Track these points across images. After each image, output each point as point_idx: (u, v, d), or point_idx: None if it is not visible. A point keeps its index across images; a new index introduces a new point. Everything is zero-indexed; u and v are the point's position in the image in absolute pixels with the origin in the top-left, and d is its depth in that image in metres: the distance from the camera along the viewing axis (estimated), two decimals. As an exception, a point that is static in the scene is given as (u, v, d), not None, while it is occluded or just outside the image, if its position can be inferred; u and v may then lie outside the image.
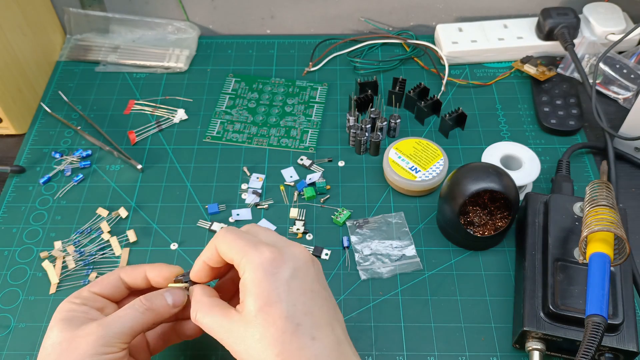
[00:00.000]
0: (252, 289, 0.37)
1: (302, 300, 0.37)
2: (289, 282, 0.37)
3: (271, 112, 0.68)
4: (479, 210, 0.55)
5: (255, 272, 0.37)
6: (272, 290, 0.37)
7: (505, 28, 0.73)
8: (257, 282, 0.37)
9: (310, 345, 0.36)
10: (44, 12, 0.72)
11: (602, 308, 0.42)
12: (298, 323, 0.36)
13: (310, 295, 0.37)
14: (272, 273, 0.37)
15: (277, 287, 0.37)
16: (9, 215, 0.59)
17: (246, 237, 0.39)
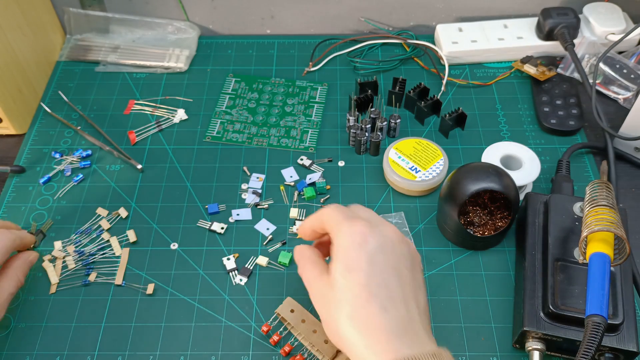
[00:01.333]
0: (339, 255, 0.40)
1: (381, 274, 0.39)
2: (373, 255, 0.40)
3: (271, 112, 0.68)
4: (479, 210, 0.55)
5: (345, 240, 0.41)
6: (355, 259, 0.40)
7: (505, 28, 0.73)
8: (344, 249, 0.40)
9: (379, 315, 0.38)
10: (44, 12, 0.72)
11: (602, 308, 0.42)
12: (373, 293, 0.38)
13: (391, 271, 0.40)
14: (359, 243, 0.40)
15: (360, 257, 0.40)
16: (9, 215, 0.59)
17: (345, 212, 0.43)
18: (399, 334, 0.37)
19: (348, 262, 0.40)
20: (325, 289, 0.41)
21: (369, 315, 0.38)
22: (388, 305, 0.38)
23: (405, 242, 0.43)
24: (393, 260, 0.41)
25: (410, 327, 0.38)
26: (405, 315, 0.39)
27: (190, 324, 0.52)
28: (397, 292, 0.39)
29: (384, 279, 0.39)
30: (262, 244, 0.57)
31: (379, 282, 0.39)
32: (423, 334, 0.39)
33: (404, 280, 0.40)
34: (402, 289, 0.40)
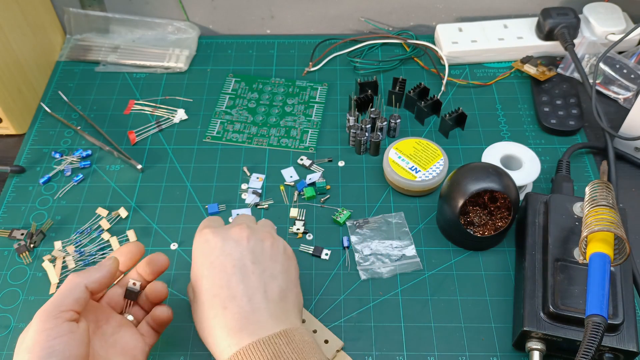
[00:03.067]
0: (192, 266, 0.44)
1: (221, 275, 0.42)
2: (212, 260, 0.43)
3: (271, 112, 0.68)
4: (479, 210, 0.55)
5: (195, 251, 0.44)
6: (198, 268, 0.43)
7: (505, 28, 0.73)
8: (194, 260, 0.44)
9: (221, 315, 0.40)
10: (44, 12, 0.72)
11: (602, 308, 0.42)
12: (214, 294, 0.41)
13: (231, 269, 0.42)
14: (202, 253, 0.43)
15: (202, 265, 0.43)
16: (9, 215, 0.59)
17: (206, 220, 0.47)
18: (240, 328, 0.40)
19: (194, 271, 0.43)
20: (191, 301, 0.44)
21: (212, 317, 0.41)
22: (228, 304, 0.41)
23: (257, 238, 0.44)
24: (234, 257, 0.42)
25: (253, 318, 0.40)
26: (248, 308, 0.40)
27: (190, 324, 0.52)
28: (238, 289, 0.41)
29: (225, 279, 0.42)
30: (262, 244, 0.57)
31: (220, 284, 0.41)
32: (268, 321, 0.40)
33: (249, 275, 0.42)
34: (245, 284, 0.41)
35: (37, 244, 0.57)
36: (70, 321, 0.39)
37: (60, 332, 0.38)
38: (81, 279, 0.41)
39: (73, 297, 0.40)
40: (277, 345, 0.39)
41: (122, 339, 0.43)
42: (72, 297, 0.40)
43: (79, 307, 0.40)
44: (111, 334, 0.43)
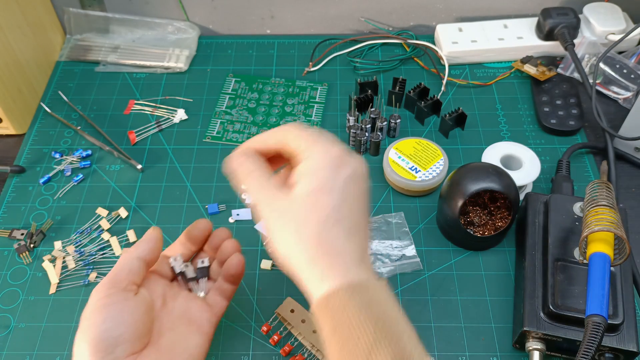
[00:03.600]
0: (312, 174, 0.38)
1: (350, 200, 0.38)
2: (346, 181, 0.38)
3: (271, 112, 0.68)
4: (479, 210, 0.55)
5: (320, 161, 0.38)
6: (330, 181, 0.38)
7: (505, 28, 0.73)
8: (320, 169, 0.38)
9: (346, 240, 0.37)
10: (44, 12, 0.72)
11: (602, 308, 0.42)
12: (342, 217, 0.37)
13: (358, 199, 0.39)
14: (335, 166, 0.38)
15: (335, 180, 0.38)
16: (9, 215, 0.59)
17: (314, 132, 0.40)
18: (357, 261, 0.37)
19: (322, 182, 0.38)
20: (284, 203, 0.38)
21: (334, 238, 0.37)
22: (354, 232, 0.38)
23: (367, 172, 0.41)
24: (360, 189, 0.39)
25: (365, 256, 0.38)
26: (364, 244, 0.39)
27: (190, 324, 0.52)
28: (360, 221, 0.39)
29: (352, 205, 0.38)
30: (262, 244, 0.57)
31: (348, 208, 0.38)
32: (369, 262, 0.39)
33: (365, 210, 0.40)
34: (363, 218, 0.39)
35: (37, 244, 0.57)
36: (126, 291, 0.40)
37: (114, 300, 0.40)
38: (132, 252, 0.42)
39: (127, 270, 0.41)
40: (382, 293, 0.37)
41: (189, 311, 0.44)
42: (125, 270, 0.41)
43: (135, 277, 0.42)
44: (179, 308, 0.44)
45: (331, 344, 0.35)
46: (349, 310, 0.35)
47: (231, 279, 0.47)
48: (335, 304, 0.35)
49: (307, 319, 0.50)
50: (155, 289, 0.44)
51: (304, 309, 0.51)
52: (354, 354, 0.34)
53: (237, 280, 0.47)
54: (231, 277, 0.47)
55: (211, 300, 0.46)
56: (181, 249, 0.47)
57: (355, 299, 0.35)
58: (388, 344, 0.34)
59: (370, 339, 0.34)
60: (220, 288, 0.47)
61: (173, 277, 0.47)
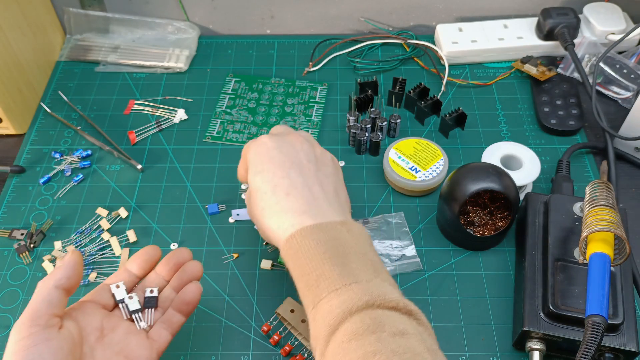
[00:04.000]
0: (249, 166, 0.47)
1: (281, 168, 0.45)
2: (272, 156, 0.46)
3: (271, 112, 0.68)
4: (479, 210, 0.55)
5: (250, 153, 0.48)
6: (257, 162, 0.46)
7: (505, 28, 0.73)
8: (251, 159, 0.47)
9: (284, 200, 0.44)
10: (44, 12, 0.72)
11: (602, 308, 0.42)
12: (275, 184, 0.45)
13: (290, 164, 0.46)
14: (259, 152, 0.47)
15: (261, 160, 0.46)
16: (9, 215, 0.60)
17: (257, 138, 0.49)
18: (303, 211, 0.43)
19: (254, 167, 0.46)
20: (248, 199, 0.47)
21: (276, 202, 0.44)
22: (291, 191, 0.44)
23: (309, 143, 0.48)
24: (292, 156, 0.46)
25: (314, 204, 0.44)
26: (308, 196, 0.44)
27: (190, 324, 0.52)
28: (298, 180, 0.45)
29: (285, 171, 0.45)
30: (261, 244, 0.57)
31: (281, 175, 0.45)
32: (328, 209, 0.44)
33: (305, 170, 0.46)
34: (303, 177, 0.45)
35: (37, 244, 0.57)
36: (48, 328, 0.38)
37: (35, 341, 0.37)
38: (48, 281, 0.40)
39: (46, 303, 0.39)
40: (338, 232, 0.42)
41: (127, 347, 0.42)
42: (45, 304, 0.39)
43: (55, 310, 0.39)
44: (117, 343, 0.42)
45: (296, 281, 0.42)
46: (301, 250, 0.41)
47: (184, 307, 0.45)
48: (290, 247, 0.42)
49: (307, 319, 0.50)
50: (91, 320, 0.42)
51: (304, 309, 0.51)
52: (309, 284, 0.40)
53: (190, 310, 0.45)
54: (185, 306, 0.45)
55: (155, 334, 0.44)
56: (124, 275, 0.45)
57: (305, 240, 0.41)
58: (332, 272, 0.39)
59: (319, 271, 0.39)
60: (168, 320, 0.44)
61: (114, 305, 0.44)
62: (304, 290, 0.40)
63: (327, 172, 0.48)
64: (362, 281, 0.39)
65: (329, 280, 0.39)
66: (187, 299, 0.45)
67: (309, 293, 0.40)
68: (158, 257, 0.47)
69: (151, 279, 0.46)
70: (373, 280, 0.39)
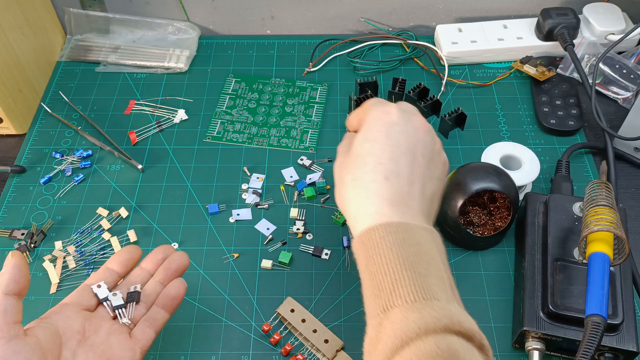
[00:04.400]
0: (362, 128, 0.44)
1: (393, 149, 0.42)
2: (391, 131, 0.42)
3: (271, 113, 0.68)
4: (478, 210, 0.55)
5: (371, 116, 0.44)
6: (373, 131, 0.43)
7: (505, 28, 0.74)
8: (368, 123, 0.44)
9: (381, 183, 0.40)
10: (44, 12, 0.73)
11: (602, 308, 0.42)
12: (380, 162, 0.41)
13: (404, 151, 0.42)
14: (381, 119, 0.43)
15: (379, 130, 0.43)
16: (9, 215, 0.60)
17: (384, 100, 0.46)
18: (393, 203, 0.40)
19: (367, 133, 0.43)
20: (344, 157, 0.44)
21: (370, 181, 0.40)
22: (392, 177, 0.41)
23: (432, 137, 0.44)
24: (410, 142, 0.42)
25: (407, 201, 0.41)
26: (406, 190, 0.41)
27: (190, 324, 0.52)
28: (404, 170, 0.41)
29: (396, 154, 0.41)
30: (262, 244, 0.57)
31: (390, 156, 0.41)
32: (418, 213, 0.41)
33: (416, 164, 0.42)
34: (411, 169, 0.42)
35: (38, 244, 0.57)
36: (12, 340, 0.37)
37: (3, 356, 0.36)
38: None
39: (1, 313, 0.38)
40: (424, 238, 0.39)
41: (109, 348, 0.41)
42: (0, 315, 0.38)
43: (14, 317, 0.38)
44: (99, 344, 0.41)
45: (364, 276, 0.39)
46: (380, 247, 0.38)
47: (169, 303, 0.45)
48: (369, 240, 0.38)
49: (307, 319, 0.50)
50: (71, 324, 0.41)
51: (304, 309, 0.51)
52: (381, 286, 0.37)
53: (174, 306, 0.45)
54: (169, 301, 0.45)
55: (138, 332, 0.43)
56: (105, 274, 0.45)
57: (388, 237, 0.38)
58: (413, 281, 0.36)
59: (396, 275, 0.36)
60: (151, 318, 0.44)
61: (96, 306, 0.43)
62: (374, 290, 0.37)
63: (434, 174, 0.44)
64: (441, 300, 0.36)
65: (407, 289, 0.36)
66: (171, 294, 0.45)
67: (380, 294, 0.37)
68: (139, 255, 0.47)
69: (136, 274, 0.46)
70: (452, 303, 0.37)
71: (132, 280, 0.46)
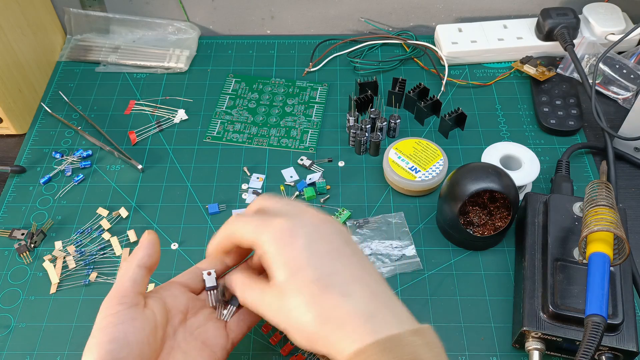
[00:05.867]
0: (275, 263, 0.38)
1: (325, 262, 0.37)
2: (308, 247, 0.38)
3: (271, 113, 0.68)
4: (478, 210, 0.55)
5: (273, 246, 0.38)
6: (293, 259, 0.37)
7: (505, 28, 0.74)
8: (277, 255, 0.38)
9: (344, 303, 0.36)
10: (44, 12, 0.73)
11: (602, 308, 0.42)
12: (326, 284, 0.36)
13: (334, 254, 0.38)
14: (289, 243, 0.38)
15: (297, 255, 0.37)
16: (9, 215, 0.60)
17: (256, 218, 0.40)
18: (369, 314, 0.35)
19: (288, 265, 0.37)
20: (276, 302, 0.38)
21: (333, 307, 0.36)
22: (347, 290, 0.36)
23: (326, 219, 0.40)
24: (328, 243, 0.38)
25: (380, 301, 0.36)
26: (369, 292, 0.37)
27: (190, 324, 0.52)
28: (348, 274, 0.37)
29: (331, 265, 0.37)
30: (262, 244, 0.57)
31: (328, 271, 0.37)
32: (394, 306, 0.37)
33: (348, 259, 0.38)
34: (350, 270, 0.37)
35: (38, 244, 0.57)
36: (133, 307, 0.39)
37: (121, 319, 0.38)
38: (132, 261, 0.41)
39: (130, 281, 0.40)
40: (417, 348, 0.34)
41: (205, 332, 0.42)
42: (129, 281, 0.40)
43: (140, 288, 0.40)
44: (197, 327, 0.42)
45: None
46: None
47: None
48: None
49: None
50: (178, 302, 0.42)
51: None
52: None
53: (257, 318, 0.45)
54: None
55: (232, 324, 0.44)
56: (216, 263, 0.45)
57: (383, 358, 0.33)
58: None
59: None
60: (245, 314, 0.44)
61: (201, 289, 0.44)
62: None
63: (358, 251, 0.40)
64: None
65: None
66: None
67: None
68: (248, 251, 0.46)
69: None
70: None
71: None
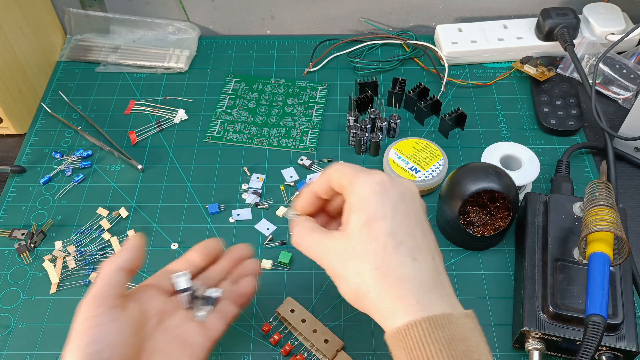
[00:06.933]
0: (359, 206, 0.37)
1: (406, 222, 0.37)
2: (396, 204, 0.37)
3: (271, 113, 0.68)
4: (478, 210, 0.55)
5: (364, 190, 0.38)
6: (378, 208, 0.37)
7: (504, 28, 0.74)
8: (365, 199, 0.37)
9: (410, 265, 0.36)
10: (44, 12, 0.73)
11: (602, 308, 0.42)
12: (400, 241, 0.36)
13: (415, 220, 0.38)
14: (380, 193, 0.37)
15: (384, 206, 0.37)
16: (9, 215, 0.60)
17: (357, 166, 0.40)
18: (429, 286, 0.35)
19: (370, 212, 0.37)
20: (341, 245, 0.38)
21: (397, 265, 0.35)
22: (417, 255, 0.36)
23: (418, 193, 0.40)
24: (413, 209, 0.38)
25: (438, 279, 0.36)
26: (433, 266, 0.37)
27: (190, 324, 0.52)
28: (422, 242, 0.37)
29: (410, 227, 0.37)
30: (262, 243, 0.57)
31: (406, 231, 0.37)
32: (449, 289, 0.37)
33: (425, 230, 0.38)
34: (426, 239, 0.37)
35: (38, 244, 0.57)
36: (113, 308, 0.39)
37: (102, 321, 0.38)
38: (111, 264, 0.41)
39: (110, 283, 0.40)
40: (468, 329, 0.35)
41: (184, 333, 0.42)
42: (109, 283, 0.40)
43: (120, 290, 0.40)
44: (174, 328, 0.42)
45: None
46: (427, 347, 0.33)
47: (239, 298, 0.45)
48: (412, 338, 0.33)
49: (307, 319, 0.50)
50: (153, 305, 0.42)
51: (304, 309, 0.51)
52: None
53: (244, 303, 0.46)
54: (240, 297, 0.45)
55: (210, 323, 0.43)
56: (186, 265, 0.45)
57: (435, 334, 0.33)
58: None
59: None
60: (223, 310, 0.44)
61: (173, 292, 0.44)
62: None
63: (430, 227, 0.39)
64: None
65: None
66: (242, 290, 0.45)
67: None
68: (220, 250, 0.47)
69: (216, 271, 0.46)
70: None
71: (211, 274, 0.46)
